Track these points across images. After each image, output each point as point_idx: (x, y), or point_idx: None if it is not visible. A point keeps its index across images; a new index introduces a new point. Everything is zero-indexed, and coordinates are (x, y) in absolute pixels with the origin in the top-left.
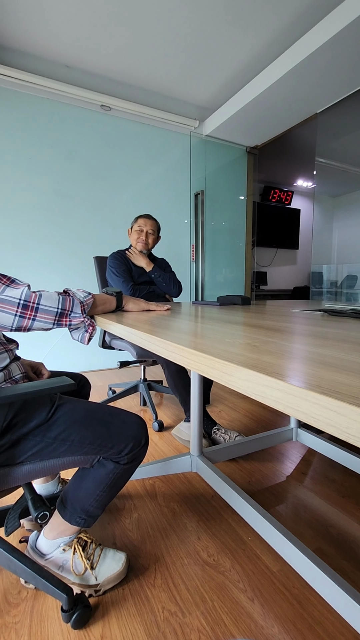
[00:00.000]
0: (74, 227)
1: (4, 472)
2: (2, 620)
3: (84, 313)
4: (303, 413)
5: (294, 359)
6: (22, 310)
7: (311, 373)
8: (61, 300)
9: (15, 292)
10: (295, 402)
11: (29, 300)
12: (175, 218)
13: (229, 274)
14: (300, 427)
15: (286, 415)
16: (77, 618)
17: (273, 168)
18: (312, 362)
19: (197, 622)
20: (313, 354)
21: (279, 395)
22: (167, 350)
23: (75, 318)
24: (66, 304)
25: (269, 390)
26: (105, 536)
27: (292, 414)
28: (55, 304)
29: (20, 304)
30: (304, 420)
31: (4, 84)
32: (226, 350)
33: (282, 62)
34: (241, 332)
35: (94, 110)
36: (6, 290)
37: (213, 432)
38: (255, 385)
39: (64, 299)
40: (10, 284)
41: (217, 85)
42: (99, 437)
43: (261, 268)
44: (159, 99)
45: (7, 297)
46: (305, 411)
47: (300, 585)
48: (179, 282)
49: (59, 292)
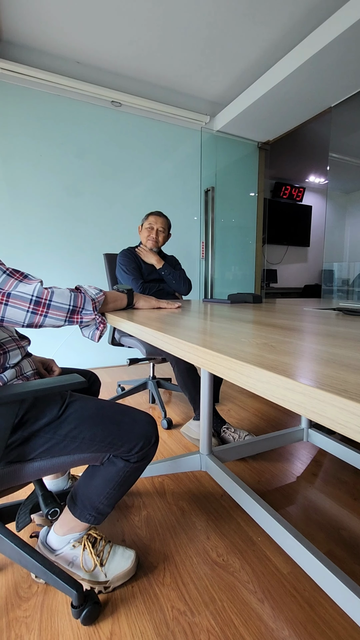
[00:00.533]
0: (84, 224)
1: (16, 468)
2: (14, 614)
3: (95, 310)
4: (329, 419)
5: (315, 360)
6: (34, 307)
7: (335, 376)
8: (73, 297)
9: (28, 287)
10: (320, 407)
11: (41, 296)
12: (185, 215)
13: (239, 272)
14: (311, 427)
15: (296, 415)
16: (87, 614)
17: (284, 164)
18: (334, 364)
19: (207, 622)
20: (334, 355)
21: (301, 399)
22: (181, 349)
23: (87, 315)
24: (78, 301)
25: (291, 393)
26: (114, 533)
27: (316, 419)
28: (67, 301)
29: (33, 300)
30: (329, 427)
31: (15, 81)
32: (243, 350)
33: (296, 54)
34: (256, 331)
35: (104, 106)
36: (19, 286)
37: (222, 431)
38: (275, 387)
39: (75, 295)
40: (22, 280)
41: (228, 79)
42: (109, 435)
43: (271, 266)
44: (169, 94)
45: (19, 293)
46: (331, 417)
47: (311, 588)
48: (188, 279)
49: (71, 289)
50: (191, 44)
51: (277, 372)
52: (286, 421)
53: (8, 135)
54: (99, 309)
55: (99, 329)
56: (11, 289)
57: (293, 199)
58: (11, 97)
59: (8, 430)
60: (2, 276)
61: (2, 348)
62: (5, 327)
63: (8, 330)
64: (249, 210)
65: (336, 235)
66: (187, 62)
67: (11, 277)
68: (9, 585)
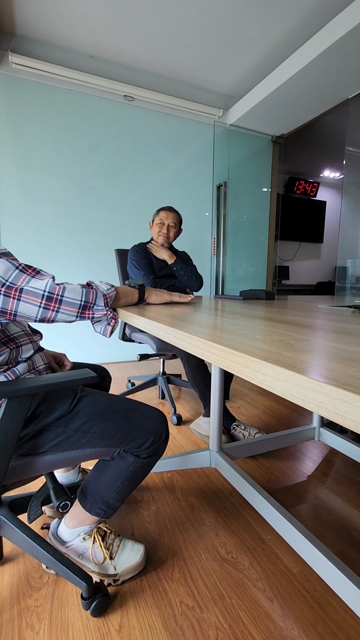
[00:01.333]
0: (96, 219)
1: (28, 461)
2: (25, 602)
3: (106, 306)
4: (353, 421)
5: (334, 358)
6: (46, 302)
7: (357, 375)
8: (84, 293)
9: (40, 283)
10: (343, 408)
11: (53, 292)
12: (197, 210)
13: (250, 268)
14: (322, 426)
15: (307, 413)
16: (97, 606)
17: (299, 158)
18: (355, 363)
19: (215, 618)
20: (353, 353)
21: (323, 399)
22: (194, 345)
23: (98, 311)
24: (89, 296)
25: (311, 393)
26: (123, 527)
27: (339, 420)
28: (78, 297)
29: (45, 296)
30: (353, 429)
31: (28, 76)
32: (259, 348)
33: (313, 44)
34: (270, 328)
35: (117, 100)
36: (31, 282)
37: (232, 428)
38: (293, 387)
39: (87, 291)
40: (35, 275)
41: (243, 71)
42: (120, 430)
43: (283, 262)
44: (182, 87)
45: (31, 289)
46: (355, 418)
47: (322, 588)
48: (200, 276)
49: (83, 285)
50: (205, 35)
51: (297, 370)
52: (297, 419)
53: (21, 131)
54: (110, 305)
55: (111, 324)
56: (24, 285)
57: (307, 194)
58: (24, 93)
59: (20, 423)
60: (15, 272)
61: (15, 342)
62: (18, 322)
63: (21, 325)
64: (261, 205)
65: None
66: (200, 54)
67: (24, 273)
68: (21, 574)
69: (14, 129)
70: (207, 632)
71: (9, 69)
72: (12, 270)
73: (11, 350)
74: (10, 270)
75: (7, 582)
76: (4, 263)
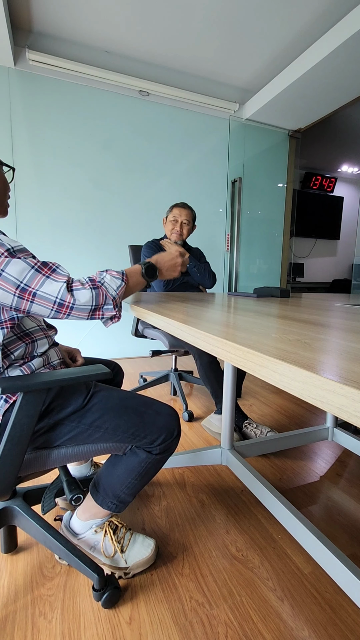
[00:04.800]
0: (111, 215)
1: (42, 454)
2: (38, 591)
3: (115, 307)
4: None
5: (354, 360)
6: (57, 307)
7: None
8: (94, 297)
9: (54, 287)
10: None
11: (65, 300)
12: (211, 206)
13: (264, 265)
14: (336, 426)
15: (321, 413)
16: (108, 598)
17: (316, 153)
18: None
19: (225, 615)
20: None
21: (343, 402)
22: (209, 343)
23: (108, 311)
24: (99, 299)
25: (330, 395)
26: (134, 521)
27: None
28: (89, 303)
29: (56, 302)
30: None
31: (44, 72)
32: (275, 347)
33: (331, 36)
34: (286, 326)
35: (132, 96)
36: (45, 284)
37: (244, 426)
38: (312, 388)
39: (97, 294)
40: (51, 275)
41: (259, 64)
42: (132, 426)
43: (298, 259)
44: (198, 82)
45: (44, 294)
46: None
47: (334, 590)
48: (213, 273)
49: (92, 283)
50: (221, 28)
51: (315, 371)
52: (310, 419)
53: (37, 127)
54: (119, 305)
55: (113, 321)
56: (37, 288)
57: (324, 189)
58: (41, 89)
59: (35, 417)
60: (30, 271)
61: (30, 337)
62: (33, 317)
63: (36, 320)
64: (276, 201)
65: None
66: (216, 48)
67: (39, 273)
68: (34, 564)
69: (30, 125)
70: (216, 629)
71: (26, 65)
72: (27, 271)
73: (27, 345)
74: (25, 270)
75: (21, 571)
76: (19, 264)
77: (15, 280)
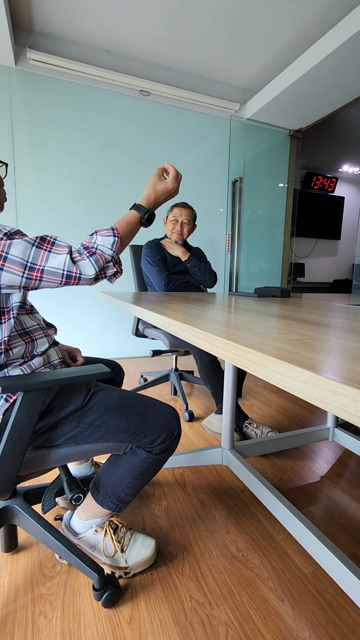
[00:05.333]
0: (111, 216)
1: (42, 453)
2: (38, 590)
3: (115, 264)
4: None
5: (355, 360)
6: (66, 280)
7: None
8: (95, 262)
9: (59, 260)
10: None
11: (72, 271)
12: (211, 206)
13: (265, 265)
14: (337, 426)
15: (321, 413)
16: (108, 597)
17: (317, 153)
18: None
19: (225, 615)
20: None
21: (345, 402)
22: (210, 343)
23: (109, 269)
24: (99, 262)
25: (332, 395)
26: (135, 521)
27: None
28: (92, 270)
29: (64, 275)
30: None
31: (45, 72)
32: (276, 347)
33: (332, 36)
34: (287, 326)
35: (133, 96)
36: (49, 259)
37: (244, 426)
38: (313, 388)
39: (96, 259)
40: (52, 249)
41: (260, 63)
42: (133, 425)
43: (299, 259)
44: (199, 81)
45: (51, 269)
46: None
47: (334, 590)
48: (214, 272)
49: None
50: (222, 28)
51: (316, 371)
52: (310, 419)
53: (38, 127)
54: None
55: (116, 276)
56: (43, 264)
57: (324, 189)
58: (41, 89)
59: (35, 416)
60: (32, 249)
61: (30, 336)
62: (33, 316)
63: (36, 319)
64: (277, 201)
65: None
66: (217, 47)
67: (40, 249)
68: (35, 563)
69: (31, 125)
70: (216, 629)
71: (27, 65)
72: (29, 249)
73: (26, 343)
74: (27, 249)
75: (21, 570)
76: (20, 243)
77: (21, 260)
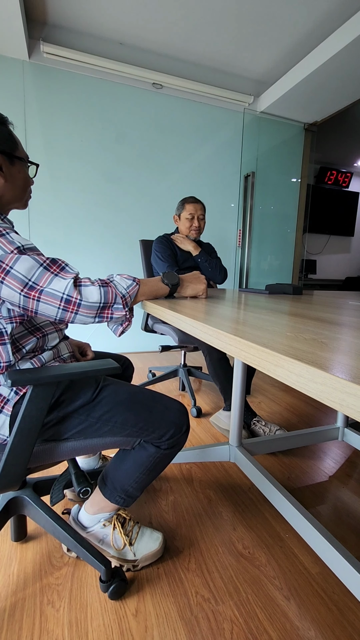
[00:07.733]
0: (121, 210)
1: (51, 446)
2: (47, 580)
3: (125, 307)
4: None
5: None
6: (64, 305)
7: None
8: (103, 294)
9: (61, 284)
10: None
11: (72, 295)
12: (222, 201)
13: (275, 262)
14: (347, 426)
15: (331, 412)
16: (114, 589)
17: (331, 147)
18: None
19: (230, 612)
20: None
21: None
22: (222, 341)
23: (117, 311)
24: (108, 296)
25: (351, 399)
26: (142, 515)
27: None
28: (97, 299)
29: (63, 299)
30: None
31: (58, 65)
32: (291, 346)
33: (350, 26)
34: (301, 325)
35: (145, 89)
36: (53, 282)
37: (253, 423)
38: (331, 390)
39: (105, 291)
40: (59, 273)
41: (275, 56)
42: (141, 420)
43: (311, 256)
44: (212, 74)
45: (51, 290)
46: None
47: (341, 591)
48: (224, 268)
49: (102, 282)
50: (236, 19)
51: (335, 373)
52: (320, 418)
53: (50, 120)
54: (130, 303)
55: (123, 326)
56: (45, 286)
57: (339, 185)
58: (55, 82)
59: (45, 409)
60: (39, 270)
61: (41, 331)
62: None
63: None
64: (290, 197)
65: None
66: (231, 39)
67: (47, 270)
68: (43, 552)
69: (44, 118)
70: (222, 625)
71: (40, 58)
72: (35, 269)
73: (38, 339)
74: (33, 268)
75: (30, 559)
76: (28, 261)
77: (23, 277)
